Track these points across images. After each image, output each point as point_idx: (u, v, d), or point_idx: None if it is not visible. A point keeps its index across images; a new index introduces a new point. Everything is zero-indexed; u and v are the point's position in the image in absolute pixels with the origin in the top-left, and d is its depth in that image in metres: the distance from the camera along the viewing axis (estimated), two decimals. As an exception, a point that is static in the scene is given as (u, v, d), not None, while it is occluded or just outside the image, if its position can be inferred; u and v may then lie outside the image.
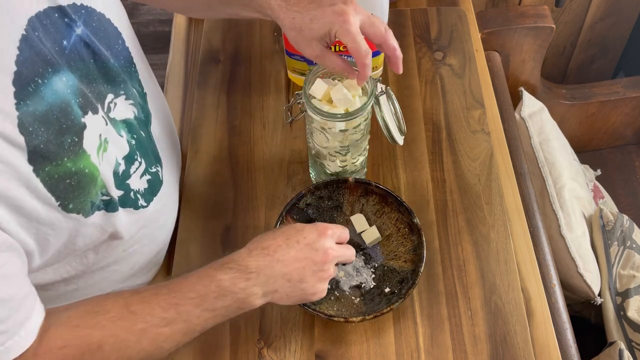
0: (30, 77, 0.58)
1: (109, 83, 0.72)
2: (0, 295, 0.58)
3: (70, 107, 0.63)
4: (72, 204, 0.65)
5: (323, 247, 0.72)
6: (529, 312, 0.85)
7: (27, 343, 0.61)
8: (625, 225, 1.21)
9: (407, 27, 1.15)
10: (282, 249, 0.70)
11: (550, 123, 1.30)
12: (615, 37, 1.77)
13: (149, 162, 0.81)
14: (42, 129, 0.59)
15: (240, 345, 0.82)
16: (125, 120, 0.76)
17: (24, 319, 0.60)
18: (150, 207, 0.81)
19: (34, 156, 0.59)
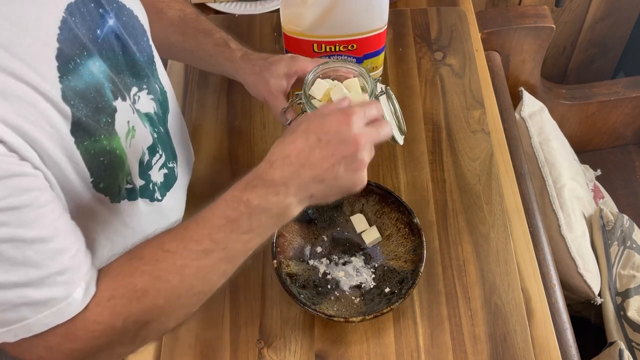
0: (70, 56, 0.61)
1: (134, 76, 0.75)
2: (62, 244, 0.58)
3: (103, 90, 0.66)
4: (102, 183, 0.66)
5: (350, 137, 0.63)
6: (529, 312, 0.85)
7: (89, 295, 0.60)
8: (625, 225, 1.21)
9: (407, 27, 1.15)
10: (304, 153, 0.63)
11: (550, 123, 1.30)
12: (615, 37, 1.77)
13: (168, 156, 0.83)
14: (81, 104, 0.61)
15: (240, 345, 0.82)
16: (147, 114, 0.78)
17: (85, 272, 0.60)
18: (163, 202, 0.82)
19: (76, 128, 0.61)
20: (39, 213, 0.56)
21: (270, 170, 0.63)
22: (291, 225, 0.88)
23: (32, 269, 0.56)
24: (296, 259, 0.86)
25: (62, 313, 0.58)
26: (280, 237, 0.85)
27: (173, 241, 0.62)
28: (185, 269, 0.61)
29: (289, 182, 0.63)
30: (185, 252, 0.62)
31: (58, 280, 0.57)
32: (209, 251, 0.62)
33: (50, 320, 0.58)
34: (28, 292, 0.56)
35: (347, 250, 0.88)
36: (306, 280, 0.85)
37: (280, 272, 0.82)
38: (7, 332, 0.57)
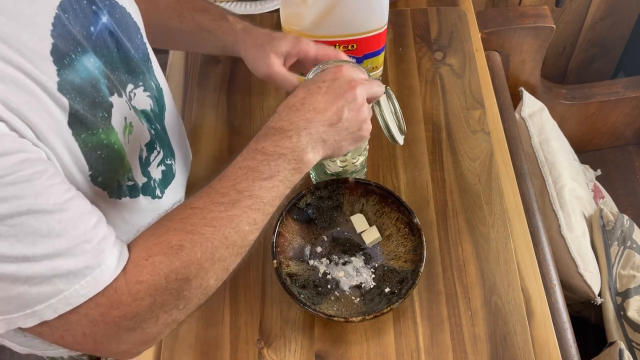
0: (65, 51, 0.61)
1: (129, 73, 0.75)
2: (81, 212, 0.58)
3: (99, 85, 0.66)
4: (101, 177, 0.67)
5: (345, 80, 0.70)
6: (529, 312, 0.85)
7: (124, 260, 0.60)
8: (626, 225, 1.21)
9: (407, 27, 1.15)
10: (307, 99, 0.69)
11: (550, 123, 1.30)
12: (615, 37, 1.77)
13: (166, 153, 0.83)
14: (78, 98, 0.62)
15: (240, 345, 0.82)
16: (143, 111, 0.78)
17: (114, 238, 0.60)
18: (163, 199, 0.83)
19: (74, 120, 0.61)
20: (50, 184, 0.56)
21: (279, 120, 0.68)
22: (291, 225, 0.88)
23: (58, 239, 0.55)
24: (296, 259, 0.86)
25: (98, 281, 0.57)
26: (280, 237, 0.85)
27: (200, 199, 0.64)
28: (216, 220, 0.63)
29: (298, 127, 0.67)
30: (213, 205, 0.63)
31: (86, 248, 0.57)
32: (236, 200, 0.64)
33: (87, 291, 0.57)
34: (58, 263, 0.55)
35: (347, 250, 0.88)
36: (306, 280, 0.85)
37: (280, 272, 0.82)
38: (46, 308, 0.56)
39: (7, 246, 0.53)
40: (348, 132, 0.70)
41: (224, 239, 0.63)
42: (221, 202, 0.63)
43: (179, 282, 0.60)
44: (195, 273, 0.61)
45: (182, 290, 0.61)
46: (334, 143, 0.70)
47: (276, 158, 0.66)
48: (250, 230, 0.65)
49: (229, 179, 0.65)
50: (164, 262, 0.60)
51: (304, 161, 0.67)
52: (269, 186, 0.65)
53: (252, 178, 0.65)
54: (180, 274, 0.60)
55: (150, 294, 0.59)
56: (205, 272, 0.62)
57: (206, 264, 0.62)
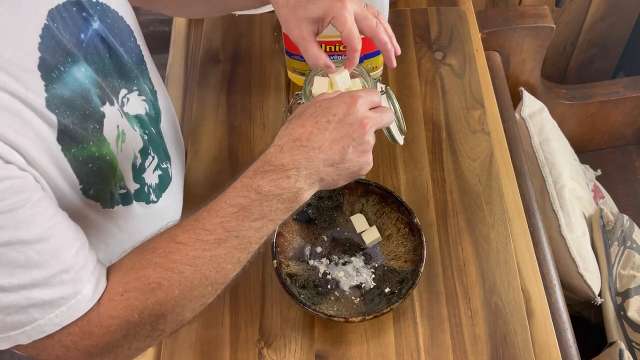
0: (53, 64, 0.60)
1: (122, 78, 0.74)
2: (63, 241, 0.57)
3: (90, 96, 0.65)
4: (92, 190, 0.66)
5: (357, 119, 0.65)
6: (529, 312, 0.85)
7: (100, 290, 0.60)
8: (626, 225, 1.21)
9: (407, 27, 1.15)
10: (314, 135, 0.63)
11: (550, 123, 1.30)
12: (615, 37, 1.77)
13: (160, 157, 0.82)
14: (68, 112, 0.61)
15: (240, 345, 0.82)
16: (137, 116, 0.77)
17: (92, 268, 0.60)
18: (159, 203, 0.82)
19: (63, 136, 0.60)
20: (34, 212, 0.55)
21: (280, 154, 0.63)
22: (291, 225, 0.88)
23: (36, 270, 0.55)
24: (296, 259, 0.86)
25: (73, 311, 0.58)
26: (280, 237, 0.85)
27: (184, 233, 0.62)
28: (198, 259, 0.61)
29: (300, 165, 0.63)
30: (198, 242, 0.61)
31: (64, 278, 0.57)
32: (222, 240, 0.62)
33: (60, 320, 0.57)
34: (34, 294, 0.56)
35: (347, 250, 0.88)
36: (306, 280, 0.85)
37: (280, 272, 0.82)
38: (20, 334, 0.56)
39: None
40: (348, 172, 0.67)
41: (204, 278, 0.62)
42: (206, 240, 0.61)
43: (153, 318, 0.61)
44: (171, 309, 0.61)
45: (157, 324, 0.61)
46: (331, 181, 0.67)
47: (270, 198, 0.62)
48: (232, 269, 0.64)
49: (217, 215, 0.62)
50: (140, 299, 0.60)
51: (298, 200, 0.64)
52: (257, 226, 0.63)
53: (242, 217, 0.62)
54: (155, 311, 0.60)
55: (123, 328, 0.60)
56: (181, 308, 0.62)
57: (183, 302, 0.62)
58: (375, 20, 0.72)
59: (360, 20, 0.72)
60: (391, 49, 0.74)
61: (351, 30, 0.70)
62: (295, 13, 0.72)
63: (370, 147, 0.67)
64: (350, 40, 0.71)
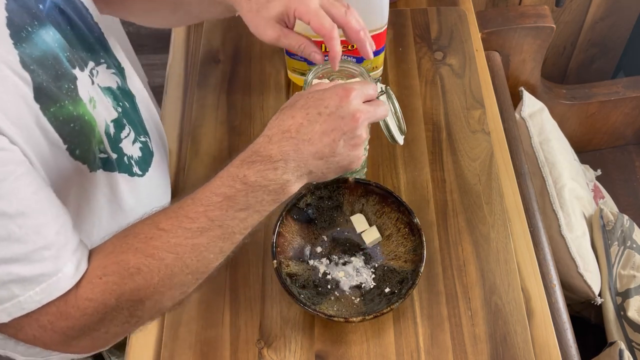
0: (21, 25, 0.59)
1: (88, 51, 0.72)
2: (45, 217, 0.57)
3: (60, 58, 0.64)
4: (78, 150, 0.65)
5: (349, 112, 0.63)
6: (529, 312, 0.85)
7: (81, 270, 0.59)
8: (626, 225, 1.21)
9: (407, 27, 1.15)
10: (304, 127, 0.62)
11: (550, 123, 1.30)
12: (615, 37, 1.77)
13: (137, 131, 0.80)
14: (40, 70, 0.60)
15: (240, 345, 0.82)
16: (109, 88, 0.75)
17: (74, 247, 0.59)
18: (145, 178, 0.80)
19: (39, 94, 0.59)
20: (17, 185, 0.55)
21: (268, 145, 0.62)
22: (291, 225, 0.88)
23: (17, 244, 0.55)
24: (296, 259, 0.86)
25: (53, 289, 0.57)
26: (280, 237, 0.85)
27: (168, 219, 0.61)
28: (180, 247, 0.60)
29: (288, 157, 0.62)
30: (180, 230, 0.61)
31: (45, 255, 0.57)
32: (205, 229, 0.61)
33: (40, 297, 0.57)
34: (15, 269, 0.55)
35: (347, 250, 0.88)
36: (306, 280, 0.85)
37: (280, 272, 0.82)
38: (1, 311, 0.56)
39: None
40: (338, 166, 0.66)
41: (185, 267, 0.61)
42: (188, 228, 0.61)
43: (131, 303, 0.60)
44: (149, 296, 0.60)
45: (134, 310, 0.61)
46: (320, 175, 0.66)
47: (257, 189, 0.61)
48: (214, 258, 0.63)
49: (202, 204, 0.61)
50: (118, 283, 0.59)
51: (285, 192, 0.63)
52: (242, 217, 0.62)
53: (227, 207, 0.61)
54: (133, 296, 0.60)
55: (99, 312, 0.59)
56: (161, 295, 0.61)
57: (162, 289, 0.61)
58: (344, 9, 0.70)
59: (327, 9, 0.70)
60: (364, 38, 0.71)
61: (317, 17, 0.68)
62: (260, 15, 0.71)
63: (361, 141, 0.66)
64: (320, 29, 0.68)
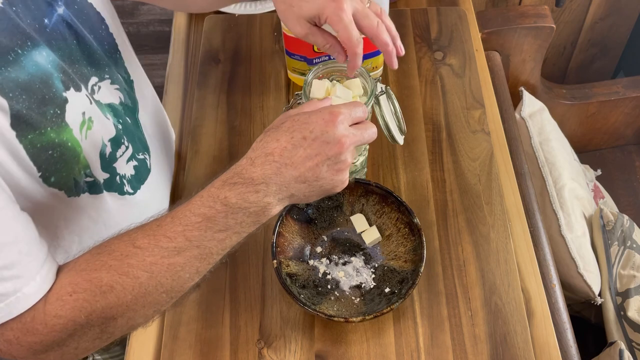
0: (10, 47, 0.59)
1: (92, 66, 0.72)
2: (7, 236, 0.56)
3: (51, 80, 0.63)
4: (53, 177, 0.64)
5: (335, 138, 0.62)
6: (529, 312, 0.85)
7: (44, 289, 0.59)
8: (626, 225, 1.21)
9: (407, 27, 1.15)
10: (288, 151, 0.62)
11: (550, 123, 1.30)
12: (615, 37, 1.77)
13: (136, 148, 0.80)
14: (24, 96, 0.59)
15: (240, 345, 0.82)
16: (110, 105, 0.75)
17: (38, 265, 0.59)
18: (137, 196, 0.80)
19: (17, 121, 0.58)
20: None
21: (250, 167, 0.62)
22: (291, 225, 0.88)
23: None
24: (296, 259, 0.86)
25: (11, 308, 0.57)
26: (280, 237, 0.85)
27: (145, 237, 0.61)
28: (155, 266, 0.60)
29: (269, 180, 0.62)
30: (157, 249, 0.60)
31: (4, 274, 0.56)
32: (182, 249, 0.60)
33: (0, 316, 0.57)
34: None
35: (347, 250, 0.88)
36: (306, 280, 0.85)
37: (280, 272, 0.82)
38: None
39: None
40: (321, 190, 0.65)
41: (159, 285, 0.61)
42: (165, 247, 0.60)
43: (102, 320, 0.60)
44: (122, 313, 0.60)
45: (106, 327, 0.60)
46: (302, 197, 0.65)
47: (237, 211, 0.61)
48: (190, 278, 0.63)
49: (180, 223, 0.61)
50: (89, 301, 0.59)
51: (265, 215, 0.63)
52: (220, 238, 0.62)
53: (205, 228, 0.61)
54: (105, 314, 0.59)
55: (68, 328, 0.59)
56: (133, 313, 0.61)
57: (135, 307, 0.61)
58: (376, 20, 0.70)
59: (360, 19, 0.70)
60: (392, 50, 0.72)
61: (347, 30, 0.68)
62: (291, 11, 0.71)
63: (346, 165, 0.65)
64: (347, 42, 0.69)
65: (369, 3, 0.72)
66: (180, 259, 0.61)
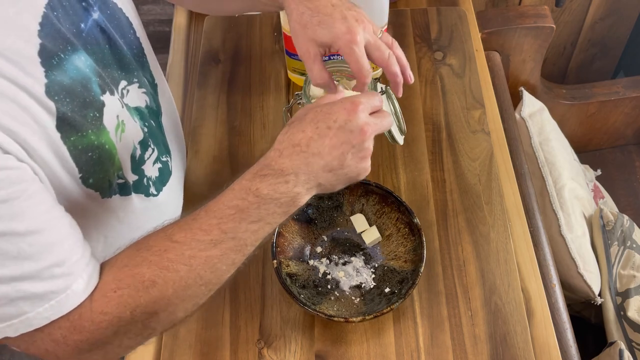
0: (54, 51, 0.61)
1: (122, 70, 0.74)
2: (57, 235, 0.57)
3: (90, 84, 0.65)
4: (92, 179, 0.66)
5: (358, 126, 0.64)
6: (529, 312, 0.85)
7: (91, 286, 0.60)
8: (626, 225, 1.21)
9: (407, 27, 1.15)
10: (314, 141, 0.63)
11: (550, 123, 1.30)
12: (615, 37, 1.77)
13: (160, 151, 0.82)
14: (67, 99, 0.61)
15: (240, 345, 0.82)
16: (137, 108, 0.77)
17: (84, 263, 0.60)
18: (160, 197, 0.82)
19: (62, 123, 0.60)
20: (29, 204, 0.55)
21: (279, 159, 0.64)
22: (291, 225, 0.88)
23: (27, 262, 0.55)
24: (296, 259, 0.86)
25: (62, 306, 0.58)
26: (280, 237, 0.85)
27: (181, 231, 0.62)
28: (194, 259, 0.61)
29: (299, 170, 0.63)
30: (194, 242, 0.61)
31: (55, 272, 0.57)
32: (218, 241, 0.62)
33: (50, 314, 0.57)
34: (25, 286, 0.55)
35: (347, 250, 0.88)
36: (306, 280, 0.85)
37: (280, 272, 0.82)
38: (8, 327, 0.56)
39: None
40: (346, 177, 0.67)
41: (199, 278, 0.62)
42: (202, 240, 0.61)
43: (145, 315, 0.60)
44: (164, 308, 0.61)
45: (149, 322, 0.61)
46: (329, 186, 0.67)
47: (269, 202, 0.63)
48: (226, 270, 0.64)
49: (215, 216, 0.63)
50: (133, 296, 0.60)
51: (295, 205, 0.65)
52: (254, 229, 0.63)
53: (239, 219, 0.62)
54: (148, 309, 0.60)
55: (114, 325, 0.60)
56: (174, 307, 0.62)
57: (176, 301, 0.62)
58: (387, 52, 0.71)
59: (372, 51, 0.70)
60: (401, 81, 0.73)
61: (358, 63, 0.69)
62: (304, 32, 0.71)
63: (369, 153, 0.67)
64: (357, 73, 0.70)
65: (381, 34, 0.72)
66: (217, 251, 0.62)
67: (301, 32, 0.72)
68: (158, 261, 0.61)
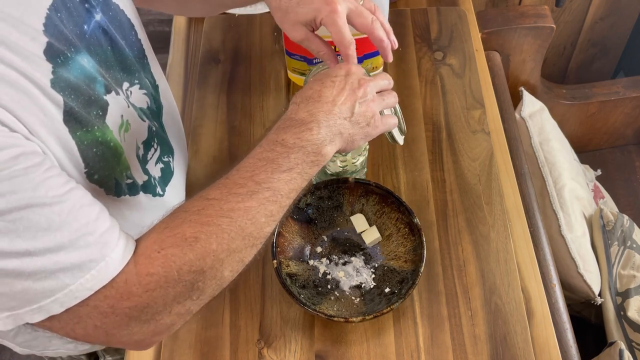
0: (60, 50, 0.61)
1: (124, 71, 0.75)
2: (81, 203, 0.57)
3: (94, 83, 0.66)
4: (97, 175, 0.67)
5: (356, 76, 0.71)
6: (529, 312, 0.85)
7: (130, 250, 0.59)
8: (626, 225, 1.21)
9: (407, 27, 1.15)
10: (324, 92, 0.69)
11: (550, 123, 1.30)
12: (615, 37, 1.77)
13: (163, 150, 0.83)
14: (72, 95, 0.62)
15: (240, 345, 0.82)
16: (141, 109, 0.78)
17: (118, 232, 0.60)
18: (165, 197, 0.83)
19: (69, 117, 0.61)
20: (49, 175, 0.55)
21: (298, 111, 0.68)
22: (291, 225, 0.88)
23: (59, 232, 0.55)
24: (296, 259, 0.86)
25: (103, 275, 0.57)
26: (280, 237, 0.85)
27: (216, 190, 0.64)
28: (233, 211, 0.62)
29: (319, 118, 0.67)
30: (231, 195, 0.63)
31: (89, 240, 0.56)
32: (254, 192, 0.63)
33: (92, 284, 0.56)
34: (61, 257, 0.55)
35: (347, 250, 0.88)
36: (306, 280, 0.85)
37: (280, 272, 0.82)
38: (53, 302, 0.55)
39: (7, 242, 0.52)
40: (359, 127, 0.70)
41: (240, 230, 0.62)
42: (238, 193, 0.63)
43: (192, 274, 0.60)
44: (210, 264, 0.61)
45: (196, 282, 0.61)
46: (349, 137, 0.70)
47: (296, 151, 0.65)
48: (266, 222, 0.65)
49: (247, 170, 0.64)
50: (177, 255, 0.59)
51: (322, 154, 0.67)
52: (287, 179, 0.65)
53: (271, 170, 0.64)
54: (194, 266, 0.60)
55: (161, 285, 0.59)
56: (220, 263, 0.62)
57: (221, 255, 0.61)
58: (370, 17, 0.74)
59: (354, 17, 0.73)
60: (388, 45, 0.75)
61: (340, 33, 0.72)
62: (287, 17, 0.75)
63: (373, 99, 0.71)
64: (339, 44, 0.73)
65: (362, 1, 0.74)
66: (254, 202, 0.63)
67: (284, 18, 0.75)
68: (197, 219, 0.61)
